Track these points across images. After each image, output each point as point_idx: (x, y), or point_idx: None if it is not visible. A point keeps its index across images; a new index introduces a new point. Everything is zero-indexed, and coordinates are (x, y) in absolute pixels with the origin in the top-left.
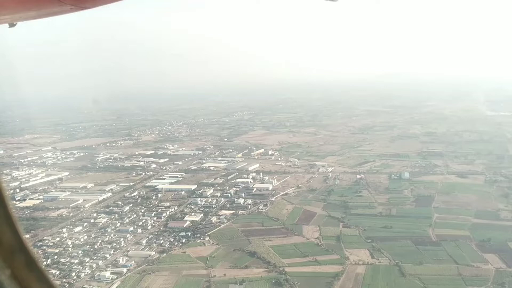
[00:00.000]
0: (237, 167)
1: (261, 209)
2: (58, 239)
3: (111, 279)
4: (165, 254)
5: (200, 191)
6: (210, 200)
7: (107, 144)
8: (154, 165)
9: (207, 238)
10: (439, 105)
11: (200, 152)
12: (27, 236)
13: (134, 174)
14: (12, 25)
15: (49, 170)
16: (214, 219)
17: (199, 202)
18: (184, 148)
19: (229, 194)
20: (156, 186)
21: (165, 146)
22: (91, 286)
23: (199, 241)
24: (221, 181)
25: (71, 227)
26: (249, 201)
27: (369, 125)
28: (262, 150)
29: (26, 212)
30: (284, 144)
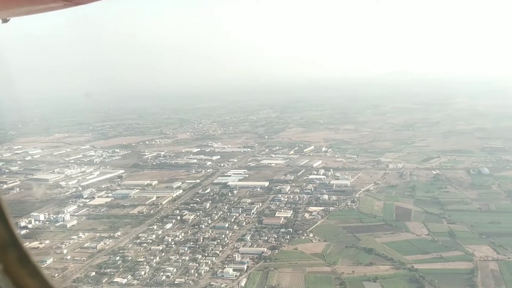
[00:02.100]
0: (300, 164)
1: (350, 205)
2: (154, 236)
3: (235, 276)
4: (277, 250)
5: (277, 188)
6: (292, 196)
7: (146, 142)
8: (209, 163)
9: (311, 235)
10: (467, 101)
11: (248, 149)
12: (119, 234)
13: (193, 172)
14: (5, 21)
15: (101, 168)
16: (306, 215)
17: (282, 198)
18: (229, 146)
19: (310, 191)
20: (226, 183)
21: (208, 144)
22: (217, 283)
23: (303, 237)
24: (292, 177)
25: (160, 224)
26: (334, 197)
27: (409, 122)
28: (312, 147)
29: (102, 209)
30: (330, 141)
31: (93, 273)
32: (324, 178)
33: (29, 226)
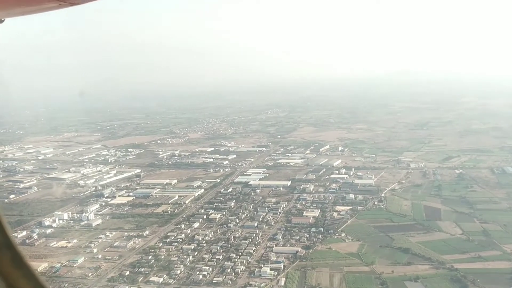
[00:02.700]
0: (319, 163)
1: (377, 204)
2: (183, 235)
3: (273, 275)
4: (311, 250)
5: (301, 187)
6: (317, 196)
7: (158, 141)
8: (225, 162)
9: (343, 234)
10: (476, 101)
11: (263, 149)
12: (147, 233)
13: (211, 171)
14: (0, 21)
15: (117, 167)
16: (335, 214)
17: (307, 198)
18: (242, 145)
19: (335, 190)
20: (247, 182)
21: (222, 143)
22: (255, 283)
23: (336, 237)
24: (314, 177)
25: (187, 223)
26: (360, 197)
27: (422, 121)
28: (328, 146)
29: (125, 208)
30: (345, 141)
31: (127, 272)
32: (346, 177)
33: (53, 225)
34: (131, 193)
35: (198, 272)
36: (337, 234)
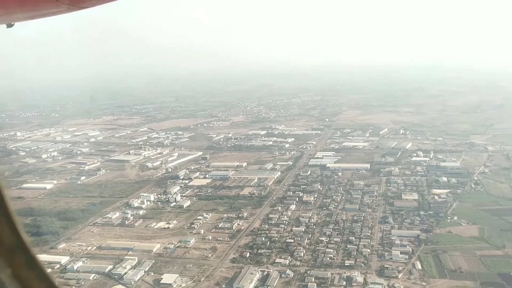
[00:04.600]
0: (391, 146)
1: (475, 187)
2: (285, 217)
3: (405, 258)
4: (431, 233)
5: (385, 170)
6: (407, 178)
7: (204, 124)
8: (287, 145)
9: (455, 218)
10: None
11: (318, 131)
12: (246, 214)
13: (277, 154)
14: (10, 25)
15: (176, 149)
16: (436, 197)
17: (398, 180)
18: (295, 128)
19: (424, 173)
20: (324, 165)
21: (272, 127)
22: (390, 266)
23: (449, 220)
24: (393, 160)
25: (282, 205)
26: (453, 180)
27: (471, 105)
28: (386, 129)
29: (208, 190)
30: (400, 124)
31: (248, 254)
32: (428, 160)
33: (143, 206)
34: (206, 176)
35: (323, 255)
36: (449, 218)
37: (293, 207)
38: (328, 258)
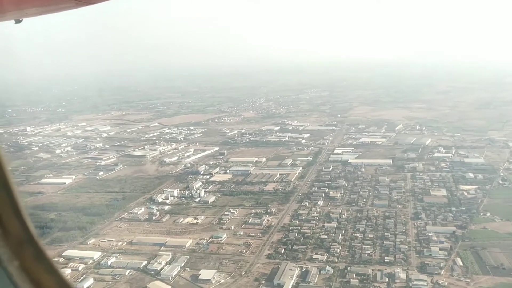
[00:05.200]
0: (410, 142)
1: (502, 183)
2: (315, 213)
3: (444, 255)
4: (466, 230)
5: (409, 166)
6: (432, 174)
7: (215, 120)
8: (303, 141)
9: (488, 214)
10: None
11: (333, 127)
12: (274, 210)
13: (295, 149)
14: (18, 21)
15: (191, 145)
16: (465, 194)
17: (424, 176)
18: (308, 124)
19: (449, 169)
20: (345, 160)
21: (285, 122)
22: (430, 262)
23: (482, 216)
24: (415, 155)
25: (309, 200)
26: (480, 176)
27: (482, 101)
28: (401, 125)
29: (230, 186)
30: (415, 120)
31: (282, 250)
32: (451, 156)
33: (167, 201)
34: (227, 171)
35: (360, 251)
36: (481, 214)
37: (320, 202)
38: (366, 255)
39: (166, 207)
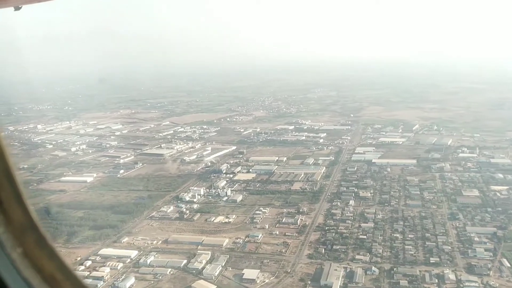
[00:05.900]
0: (432, 142)
1: None
2: (348, 213)
3: (489, 255)
4: (506, 230)
5: (436, 166)
6: (461, 174)
7: (227, 119)
8: (321, 140)
9: None
10: None
11: (348, 127)
12: (305, 209)
13: (314, 148)
14: (17, 8)
15: (207, 144)
16: (498, 194)
17: (452, 177)
18: (322, 123)
19: (477, 169)
20: (369, 160)
21: (299, 121)
22: (477, 263)
23: None
24: (439, 156)
25: (340, 200)
26: (509, 176)
27: (494, 102)
28: (417, 125)
29: (256, 185)
30: (430, 120)
31: (323, 250)
32: (476, 156)
33: (194, 200)
34: (250, 170)
35: (403, 252)
36: None
37: (352, 202)
38: (410, 255)
39: (195, 206)
